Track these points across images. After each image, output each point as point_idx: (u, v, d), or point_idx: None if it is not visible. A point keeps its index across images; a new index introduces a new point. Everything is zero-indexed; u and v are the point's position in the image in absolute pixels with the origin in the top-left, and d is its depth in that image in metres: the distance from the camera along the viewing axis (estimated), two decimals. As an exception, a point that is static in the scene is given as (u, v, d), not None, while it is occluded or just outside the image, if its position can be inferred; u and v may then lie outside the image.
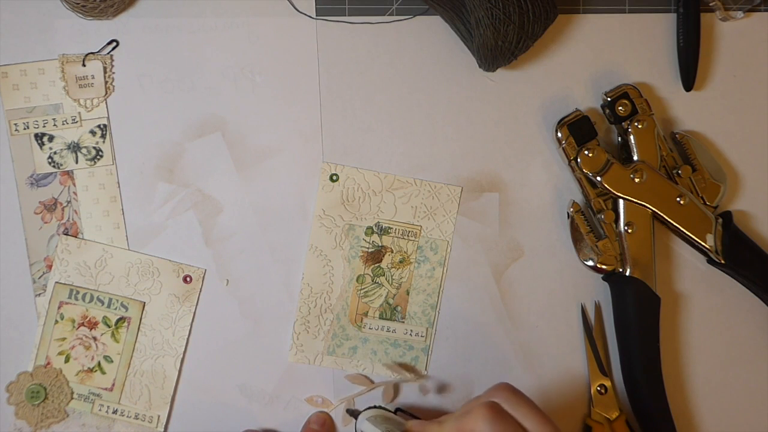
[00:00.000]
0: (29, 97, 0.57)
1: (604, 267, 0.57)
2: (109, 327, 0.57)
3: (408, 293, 0.58)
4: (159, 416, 0.57)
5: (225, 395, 0.57)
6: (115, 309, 0.57)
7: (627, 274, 0.56)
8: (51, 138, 0.57)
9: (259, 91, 0.58)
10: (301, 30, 0.58)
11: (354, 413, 0.54)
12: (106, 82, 0.57)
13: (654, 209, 0.57)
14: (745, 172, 0.59)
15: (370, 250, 0.58)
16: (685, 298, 0.59)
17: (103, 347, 0.57)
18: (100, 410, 0.57)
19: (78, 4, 0.55)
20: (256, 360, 0.57)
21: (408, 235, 0.58)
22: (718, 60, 0.60)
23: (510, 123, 0.59)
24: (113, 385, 0.57)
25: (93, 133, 0.57)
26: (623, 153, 0.58)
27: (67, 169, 0.57)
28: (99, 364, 0.57)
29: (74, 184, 0.57)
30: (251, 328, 0.58)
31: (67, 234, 0.57)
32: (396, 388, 0.57)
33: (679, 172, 0.57)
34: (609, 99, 0.57)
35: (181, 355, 0.57)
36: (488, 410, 0.44)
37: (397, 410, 0.56)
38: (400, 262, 0.58)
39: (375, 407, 0.54)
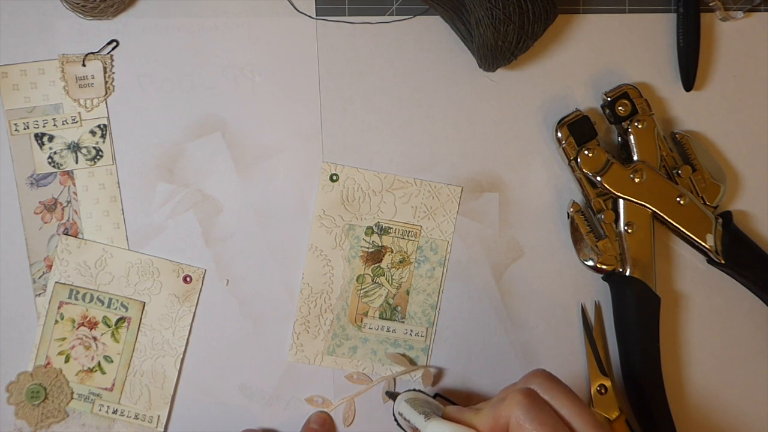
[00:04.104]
0: (29, 97, 0.57)
1: (604, 267, 0.57)
2: (109, 327, 0.57)
3: (408, 293, 0.58)
4: (159, 416, 0.57)
5: (225, 395, 0.57)
6: (115, 309, 0.57)
7: (627, 274, 0.56)
8: (51, 138, 0.57)
9: (259, 91, 0.58)
10: (301, 30, 0.58)
11: (393, 395, 0.54)
12: (106, 82, 0.57)
13: (654, 209, 0.57)
14: (745, 172, 0.59)
15: (370, 250, 0.58)
16: (685, 298, 0.59)
17: (103, 347, 0.57)
18: (100, 410, 0.57)
19: (78, 4, 0.55)
20: (256, 360, 0.58)
21: (408, 235, 0.58)
22: (718, 60, 0.60)
23: (510, 123, 0.59)
24: (113, 385, 0.57)
25: (93, 133, 0.57)
26: (623, 153, 0.58)
27: (67, 169, 0.57)
28: (99, 364, 0.57)
29: (74, 184, 0.57)
30: (251, 328, 0.58)
31: (67, 234, 0.57)
32: (394, 382, 0.57)
33: (679, 172, 0.57)
34: (609, 99, 0.57)
35: (181, 355, 0.57)
36: (524, 396, 0.43)
37: (436, 395, 0.56)
38: (400, 262, 0.58)
39: (414, 390, 0.54)
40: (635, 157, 0.57)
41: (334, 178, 0.58)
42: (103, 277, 0.57)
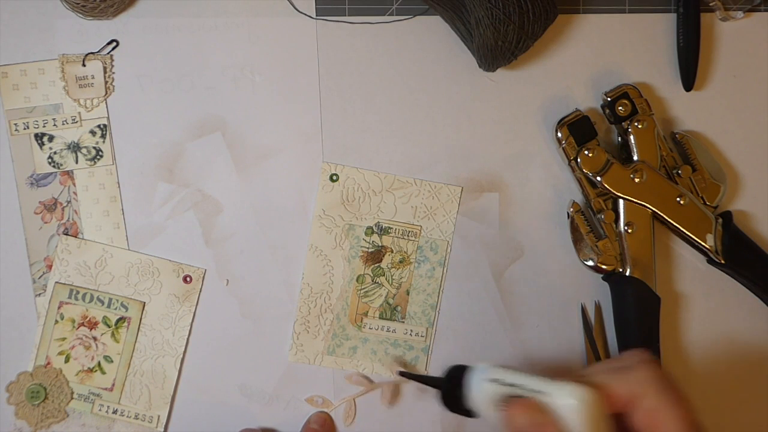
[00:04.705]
0: (29, 97, 0.57)
1: (604, 267, 0.57)
2: (109, 327, 0.57)
3: (408, 293, 0.58)
4: (159, 416, 0.57)
5: (225, 395, 0.57)
6: (115, 309, 0.57)
7: (627, 274, 0.56)
8: (51, 138, 0.57)
9: (259, 91, 0.58)
10: (301, 30, 0.58)
11: (407, 375, 0.50)
12: (106, 82, 0.57)
13: (654, 209, 0.57)
14: (745, 172, 0.59)
15: (370, 250, 0.58)
16: (685, 298, 0.59)
17: (103, 347, 0.57)
18: (100, 410, 0.57)
19: (78, 4, 0.55)
20: (256, 360, 0.57)
21: (408, 235, 0.58)
22: (718, 60, 0.60)
23: (510, 123, 0.59)
24: (113, 385, 0.57)
25: (93, 133, 0.57)
26: (623, 153, 0.58)
27: (67, 169, 0.57)
28: (99, 364, 0.57)
29: (74, 184, 0.57)
30: (251, 328, 0.58)
31: (67, 234, 0.57)
32: (397, 389, 0.57)
33: (679, 172, 0.57)
34: (609, 99, 0.57)
35: (181, 355, 0.57)
36: (654, 372, 0.41)
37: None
38: (400, 262, 0.58)
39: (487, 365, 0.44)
40: (635, 157, 0.57)
41: (334, 178, 0.58)
42: (103, 277, 0.57)
